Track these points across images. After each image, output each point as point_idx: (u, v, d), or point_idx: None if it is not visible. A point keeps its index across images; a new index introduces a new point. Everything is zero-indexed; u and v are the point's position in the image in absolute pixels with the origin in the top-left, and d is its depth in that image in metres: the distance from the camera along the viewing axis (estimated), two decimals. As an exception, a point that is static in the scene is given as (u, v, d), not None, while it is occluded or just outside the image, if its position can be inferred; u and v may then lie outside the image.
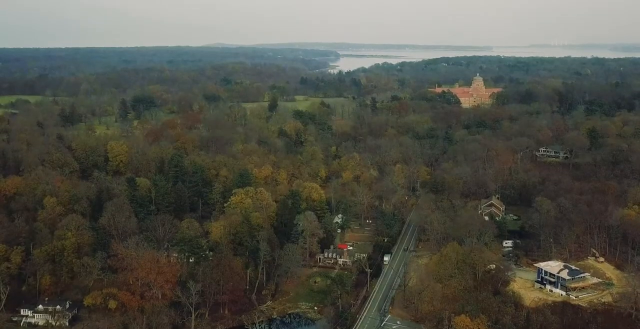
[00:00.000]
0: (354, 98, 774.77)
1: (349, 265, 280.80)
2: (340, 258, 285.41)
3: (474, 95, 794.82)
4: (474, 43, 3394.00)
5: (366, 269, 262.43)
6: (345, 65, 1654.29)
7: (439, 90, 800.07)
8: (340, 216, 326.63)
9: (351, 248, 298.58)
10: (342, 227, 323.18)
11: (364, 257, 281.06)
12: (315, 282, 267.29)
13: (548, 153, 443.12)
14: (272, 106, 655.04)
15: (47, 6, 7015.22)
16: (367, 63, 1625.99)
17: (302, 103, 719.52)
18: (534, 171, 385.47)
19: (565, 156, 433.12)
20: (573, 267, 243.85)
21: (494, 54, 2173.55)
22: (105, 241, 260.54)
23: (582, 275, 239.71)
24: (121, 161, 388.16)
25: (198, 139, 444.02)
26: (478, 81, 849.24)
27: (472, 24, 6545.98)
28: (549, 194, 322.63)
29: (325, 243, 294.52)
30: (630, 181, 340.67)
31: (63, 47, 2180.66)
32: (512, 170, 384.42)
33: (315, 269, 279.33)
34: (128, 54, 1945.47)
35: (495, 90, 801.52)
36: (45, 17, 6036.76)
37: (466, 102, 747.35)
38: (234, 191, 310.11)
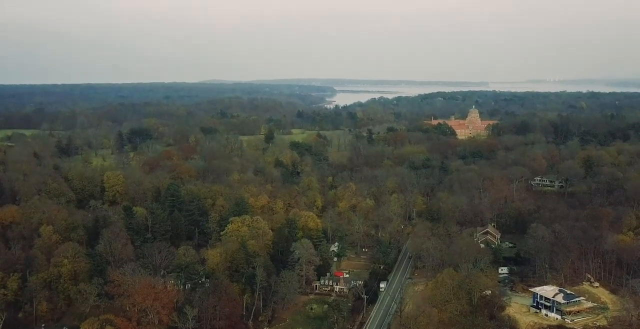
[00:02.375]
0: (350, 130, 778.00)
1: (345, 292, 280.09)
2: (337, 285, 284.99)
3: (470, 127, 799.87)
4: (470, 79, 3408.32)
5: (363, 295, 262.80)
6: (342, 100, 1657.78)
7: (434, 122, 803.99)
8: (336, 244, 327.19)
9: (347, 275, 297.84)
10: (338, 255, 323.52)
11: (360, 283, 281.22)
12: (311, 308, 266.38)
13: (543, 182, 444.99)
14: (269, 138, 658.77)
15: (43, 43, 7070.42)
16: (364, 98, 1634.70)
17: (299, 136, 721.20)
18: (530, 200, 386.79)
19: (560, 185, 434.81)
20: (568, 291, 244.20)
21: (490, 89, 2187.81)
22: (101, 268, 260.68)
23: (577, 299, 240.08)
24: (117, 191, 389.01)
25: (194, 169, 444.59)
26: (474, 113, 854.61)
27: (469, 59, 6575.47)
28: (544, 221, 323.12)
29: (321, 271, 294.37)
30: (624, 208, 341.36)
31: (60, 83, 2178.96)
32: (508, 199, 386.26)
33: (311, 296, 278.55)
34: (125, 90, 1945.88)
35: (491, 122, 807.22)
36: (42, 55, 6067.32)
37: (462, 133, 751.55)
38: (230, 219, 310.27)
